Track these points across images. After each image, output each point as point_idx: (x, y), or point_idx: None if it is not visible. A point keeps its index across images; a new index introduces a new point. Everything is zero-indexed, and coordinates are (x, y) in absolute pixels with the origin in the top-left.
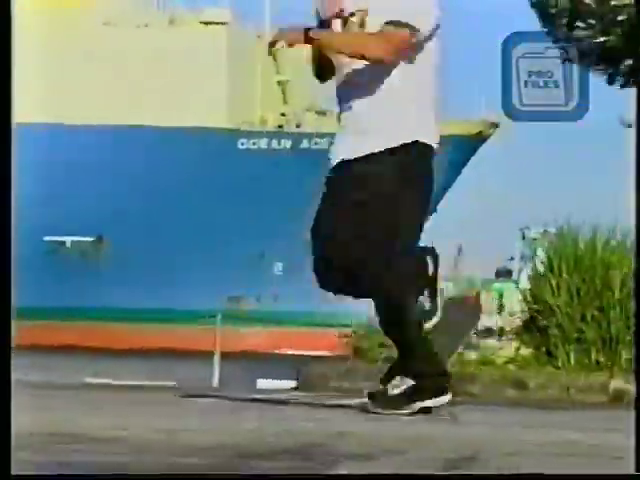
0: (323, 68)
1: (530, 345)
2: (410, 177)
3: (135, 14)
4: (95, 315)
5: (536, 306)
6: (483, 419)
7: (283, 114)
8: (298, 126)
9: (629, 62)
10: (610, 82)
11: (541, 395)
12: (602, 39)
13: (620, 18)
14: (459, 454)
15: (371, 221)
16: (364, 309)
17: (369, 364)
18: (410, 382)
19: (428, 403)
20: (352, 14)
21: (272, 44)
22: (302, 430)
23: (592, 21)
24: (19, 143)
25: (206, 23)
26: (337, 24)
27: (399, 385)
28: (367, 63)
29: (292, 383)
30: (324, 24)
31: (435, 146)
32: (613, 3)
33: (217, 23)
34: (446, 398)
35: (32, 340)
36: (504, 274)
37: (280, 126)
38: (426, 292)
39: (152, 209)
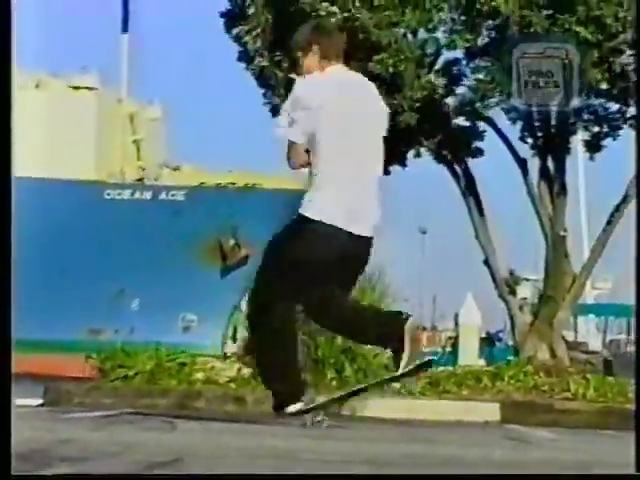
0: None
1: (250, 366)
2: None
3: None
4: None
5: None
6: (197, 427)
7: (143, 169)
8: (157, 180)
9: None
10: None
11: (257, 409)
12: None
13: None
14: (166, 457)
15: None
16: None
17: (110, 383)
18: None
19: None
20: None
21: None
22: (32, 438)
23: None
24: None
25: (76, 88)
26: None
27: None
28: None
29: (39, 400)
30: None
31: None
32: None
33: (86, 88)
34: None
35: None
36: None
37: (140, 179)
38: None
39: (30, 250)
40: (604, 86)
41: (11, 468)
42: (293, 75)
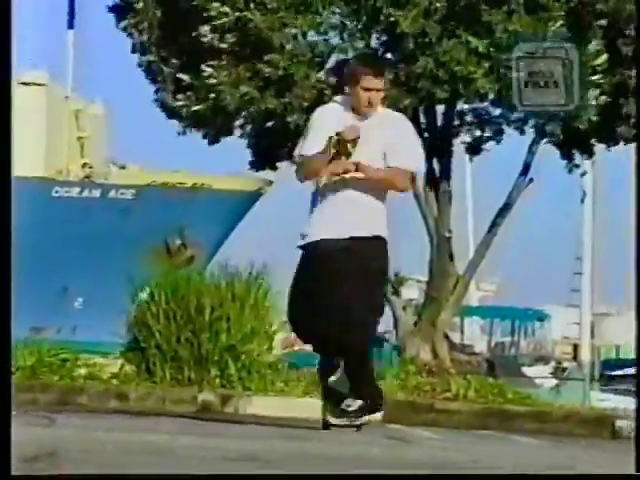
0: None
1: (133, 363)
2: None
3: None
4: None
5: (139, 329)
6: (77, 422)
7: (90, 167)
8: (106, 179)
9: (219, 123)
10: (204, 137)
11: (140, 405)
12: (197, 107)
13: (211, 93)
14: (40, 451)
15: None
16: None
17: None
18: (360, 402)
19: (376, 416)
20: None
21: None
22: None
23: (189, 93)
24: None
25: (25, 83)
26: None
27: (352, 404)
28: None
29: None
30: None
31: None
32: (206, 77)
33: (35, 84)
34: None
35: None
36: None
37: (87, 177)
38: None
39: None
40: (492, 95)
41: (11, 468)
42: (182, 76)
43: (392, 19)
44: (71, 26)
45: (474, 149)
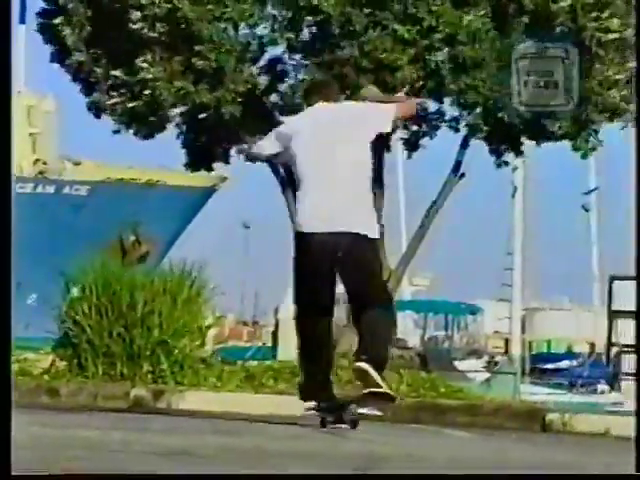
0: None
1: (65, 358)
2: None
3: None
4: None
5: (70, 325)
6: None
7: (44, 163)
8: (60, 175)
9: (153, 119)
10: (135, 134)
11: (72, 401)
12: (132, 104)
13: (147, 89)
14: None
15: None
16: None
17: None
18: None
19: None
20: None
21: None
22: None
23: (123, 90)
24: None
25: None
26: None
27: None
28: None
29: None
30: None
31: None
32: (141, 75)
33: None
34: None
35: None
36: None
37: (41, 173)
38: None
39: None
40: (418, 84)
41: (11, 468)
42: (115, 72)
43: (315, 2)
44: (22, 21)
45: (411, 145)
